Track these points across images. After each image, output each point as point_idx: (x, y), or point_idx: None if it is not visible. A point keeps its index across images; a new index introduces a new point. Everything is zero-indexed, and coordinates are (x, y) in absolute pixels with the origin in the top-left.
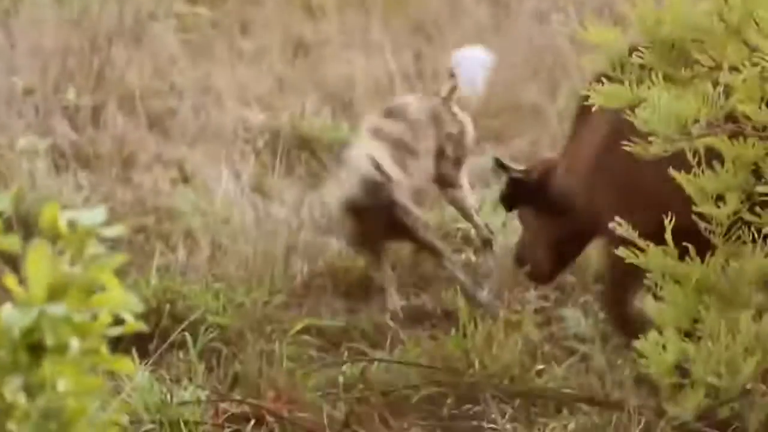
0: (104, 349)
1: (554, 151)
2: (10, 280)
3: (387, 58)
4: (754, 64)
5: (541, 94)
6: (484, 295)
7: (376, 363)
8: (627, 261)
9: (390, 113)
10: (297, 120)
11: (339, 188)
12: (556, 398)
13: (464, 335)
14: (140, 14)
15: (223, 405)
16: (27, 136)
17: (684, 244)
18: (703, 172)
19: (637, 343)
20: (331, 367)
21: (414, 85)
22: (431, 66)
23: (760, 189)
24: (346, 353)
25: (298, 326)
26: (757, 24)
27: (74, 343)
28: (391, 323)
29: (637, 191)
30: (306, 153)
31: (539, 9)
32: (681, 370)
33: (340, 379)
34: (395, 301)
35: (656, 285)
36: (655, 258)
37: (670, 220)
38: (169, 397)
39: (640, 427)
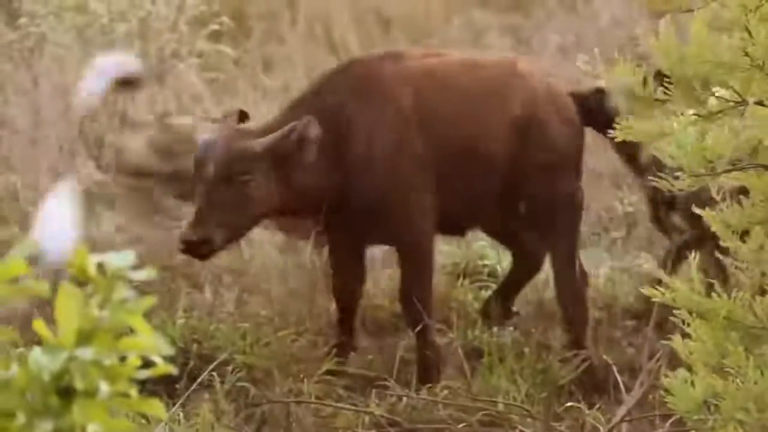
0: (133, 392)
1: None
2: (40, 325)
3: None
4: None
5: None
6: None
7: (404, 400)
8: None
9: None
10: None
11: None
12: None
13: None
14: (163, 53)
15: None
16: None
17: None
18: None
19: (666, 381)
20: (359, 405)
21: None
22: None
23: None
24: (373, 391)
25: (327, 365)
26: None
27: (103, 387)
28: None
29: None
30: None
31: (562, 43)
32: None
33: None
34: None
35: (683, 322)
36: (682, 294)
37: (695, 257)
38: None
39: None
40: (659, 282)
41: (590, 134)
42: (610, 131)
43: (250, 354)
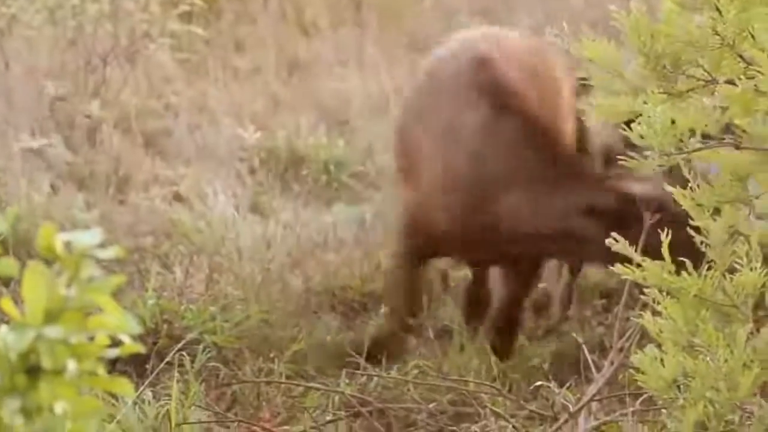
0: (101, 370)
1: None
2: (7, 303)
3: (382, 74)
4: (749, 77)
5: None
6: None
7: (374, 380)
8: None
9: None
10: (292, 138)
11: None
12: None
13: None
14: (135, 34)
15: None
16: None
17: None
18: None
19: (636, 359)
20: (329, 385)
21: None
22: None
23: (756, 202)
24: (344, 371)
25: (297, 345)
26: (752, 37)
27: (71, 366)
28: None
29: None
30: (302, 171)
31: (533, 23)
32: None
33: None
34: None
35: (654, 300)
36: (652, 272)
37: (666, 235)
38: (166, 417)
39: None
40: (630, 260)
41: None
42: None
43: (220, 334)
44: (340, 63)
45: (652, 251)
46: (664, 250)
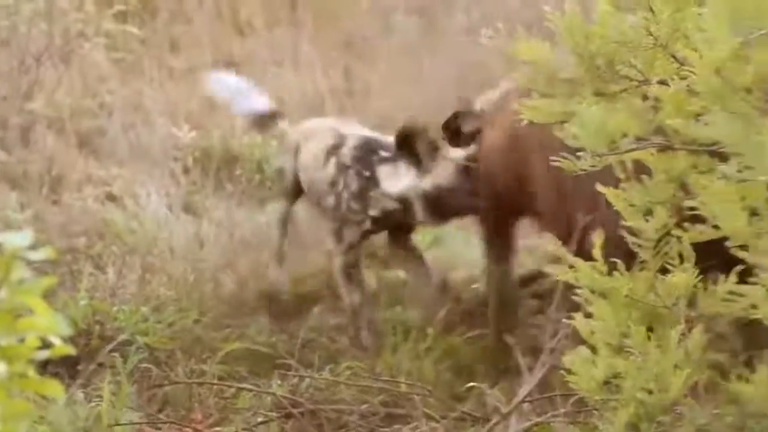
0: (32, 372)
1: None
2: None
3: (317, 74)
4: (682, 78)
5: None
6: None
7: (306, 381)
8: None
9: None
10: (227, 137)
11: None
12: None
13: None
14: (69, 33)
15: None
16: None
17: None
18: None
19: (568, 360)
20: (261, 386)
21: (344, 103)
22: (361, 82)
23: (688, 203)
24: (276, 372)
25: (229, 346)
26: (685, 37)
27: (1, 368)
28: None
29: None
30: (236, 170)
31: (469, 24)
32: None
33: (270, 399)
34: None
35: (585, 301)
36: (584, 273)
37: (602, 234)
38: (98, 419)
39: None
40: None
41: None
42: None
43: (152, 335)
44: (276, 62)
45: None
46: (597, 251)
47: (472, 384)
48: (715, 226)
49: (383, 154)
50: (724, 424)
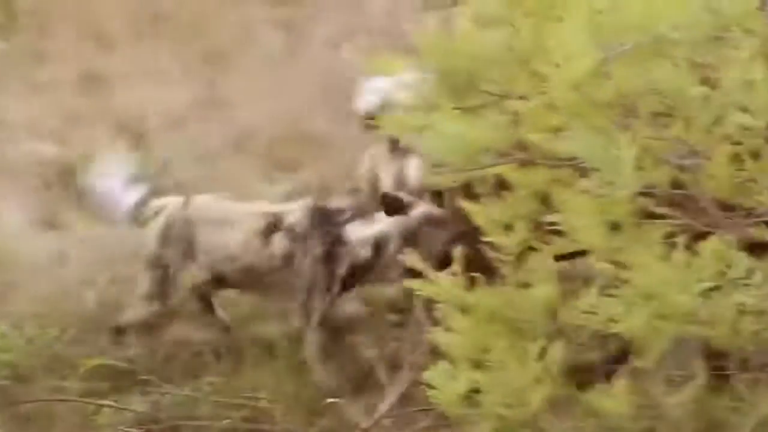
0: None
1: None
2: None
3: (179, 87)
4: (542, 93)
5: (333, 122)
6: None
7: (168, 396)
8: None
9: None
10: (90, 153)
11: None
12: None
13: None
14: None
15: None
16: None
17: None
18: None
19: (428, 375)
20: (122, 403)
21: (207, 114)
22: (224, 94)
23: (549, 218)
24: (137, 388)
25: (90, 362)
26: (546, 53)
27: None
28: None
29: None
30: None
31: (332, 36)
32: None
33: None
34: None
35: (446, 316)
36: (444, 288)
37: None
38: None
39: None
40: (423, 276)
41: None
42: None
43: (13, 352)
44: (138, 76)
45: None
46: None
47: (332, 399)
48: (576, 241)
49: (344, 216)
50: None
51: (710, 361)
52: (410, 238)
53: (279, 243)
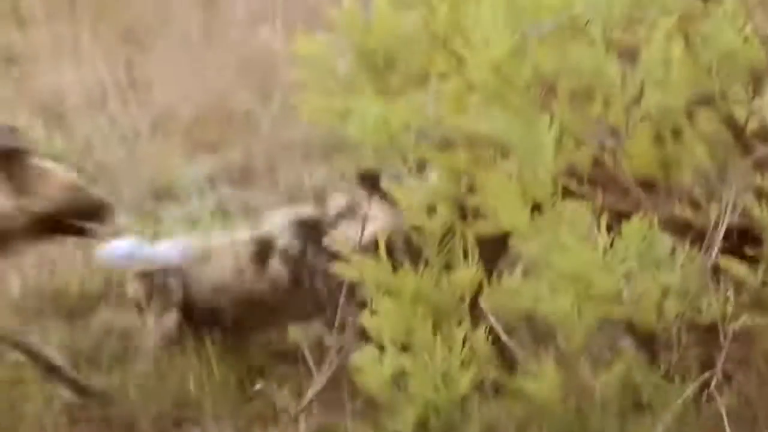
0: None
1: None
2: None
3: (98, 67)
4: (461, 74)
5: (254, 101)
6: None
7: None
8: None
9: None
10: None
11: None
12: None
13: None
14: None
15: None
16: None
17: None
18: None
19: (355, 359)
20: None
21: (126, 95)
22: (143, 74)
23: (472, 200)
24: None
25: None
26: (464, 34)
27: None
28: None
29: None
30: None
31: (252, 14)
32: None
33: None
34: None
35: (372, 299)
36: (369, 271)
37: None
38: None
39: None
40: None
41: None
42: None
43: None
44: (56, 56)
45: None
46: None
47: (259, 385)
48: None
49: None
50: (513, 420)
51: (637, 340)
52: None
53: (276, 267)
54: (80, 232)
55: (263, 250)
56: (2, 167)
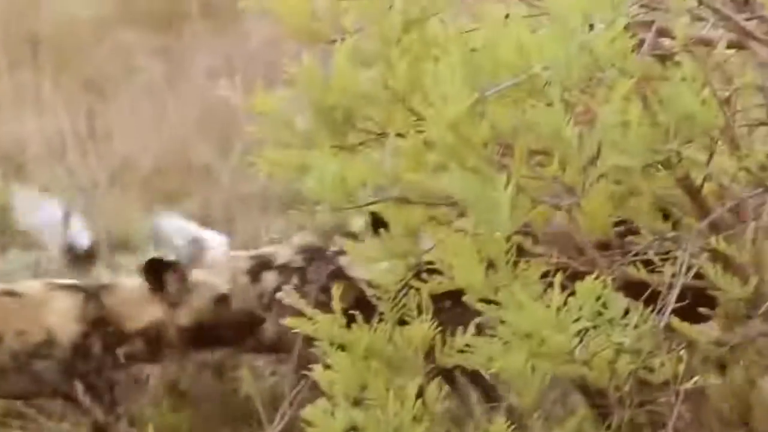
0: None
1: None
2: None
3: (59, 117)
4: (419, 132)
5: (213, 153)
6: None
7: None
8: None
9: None
10: None
11: None
12: None
13: None
14: None
15: None
16: None
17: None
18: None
19: (307, 412)
20: None
21: (86, 145)
22: (104, 124)
23: (426, 256)
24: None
25: None
26: (423, 91)
27: None
28: None
29: None
30: None
31: (212, 67)
32: None
33: None
34: None
35: (325, 353)
36: (323, 325)
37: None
38: None
39: None
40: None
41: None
42: None
43: None
44: (17, 105)
45: None
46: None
47: None
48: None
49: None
50: None
51: (589, 398)
52: None
53: (271, 280)
54: (232, 343)
55: (260, 263)
56: (157, 279)
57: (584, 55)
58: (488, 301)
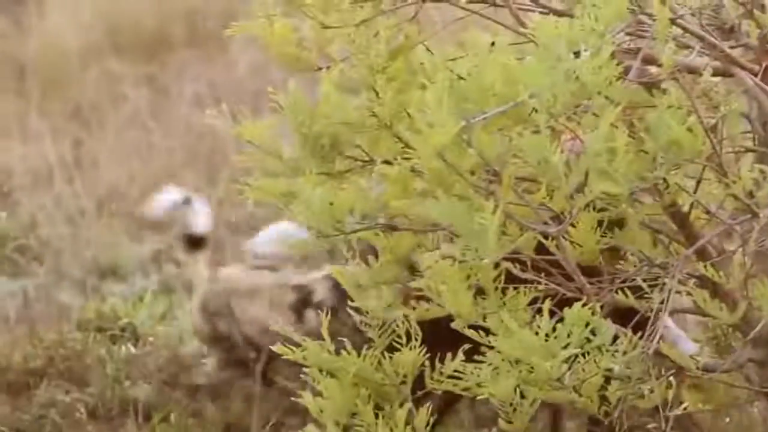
0: None
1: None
2: None
3: (45, 145)
4: (406, 158)
5: (200, 180)
6: None
7: None
8: None
9: None
10: None
11: None
12: None
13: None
14: None
15: None
16: None
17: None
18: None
19: None
20: None
21: (73, 173)
22: (90, 153)
23: (414, 283)
24: None
25: None
26: (409, 118)
27: None
28: None
29: None
30: None
31: (198, 95)
32: None
33: None
34: None
35: (314, 380)
36: (312, 352)
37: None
38: None
39: None
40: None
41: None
42: None
43: None
44: (3, 133)
45: None
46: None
47: None
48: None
49: None
50: None
51: (579, 424)
52: None
53: (312, 319)
54: None
55: (303, 299)
56: None
57: (570, 82)
58: (477, 327)
